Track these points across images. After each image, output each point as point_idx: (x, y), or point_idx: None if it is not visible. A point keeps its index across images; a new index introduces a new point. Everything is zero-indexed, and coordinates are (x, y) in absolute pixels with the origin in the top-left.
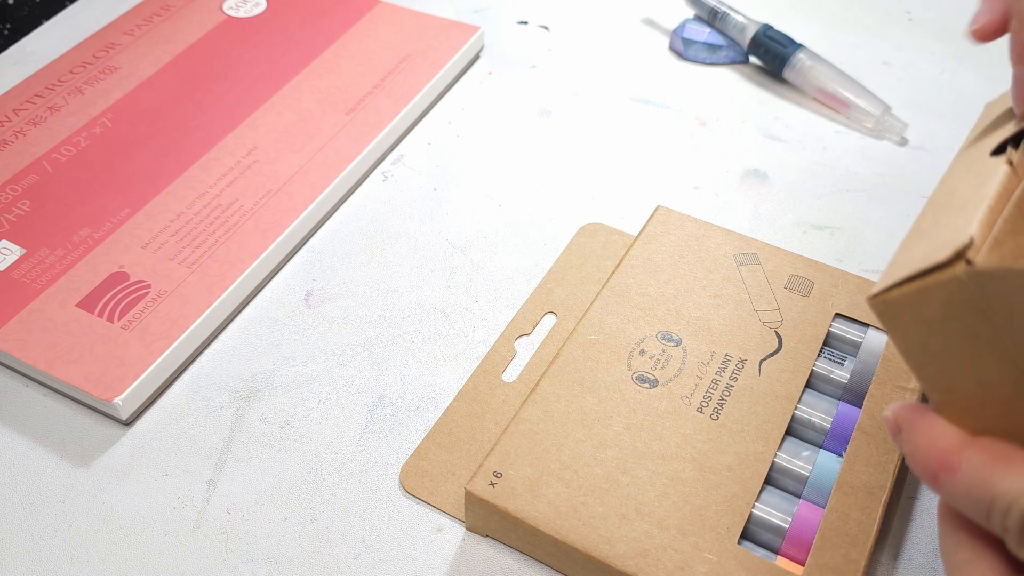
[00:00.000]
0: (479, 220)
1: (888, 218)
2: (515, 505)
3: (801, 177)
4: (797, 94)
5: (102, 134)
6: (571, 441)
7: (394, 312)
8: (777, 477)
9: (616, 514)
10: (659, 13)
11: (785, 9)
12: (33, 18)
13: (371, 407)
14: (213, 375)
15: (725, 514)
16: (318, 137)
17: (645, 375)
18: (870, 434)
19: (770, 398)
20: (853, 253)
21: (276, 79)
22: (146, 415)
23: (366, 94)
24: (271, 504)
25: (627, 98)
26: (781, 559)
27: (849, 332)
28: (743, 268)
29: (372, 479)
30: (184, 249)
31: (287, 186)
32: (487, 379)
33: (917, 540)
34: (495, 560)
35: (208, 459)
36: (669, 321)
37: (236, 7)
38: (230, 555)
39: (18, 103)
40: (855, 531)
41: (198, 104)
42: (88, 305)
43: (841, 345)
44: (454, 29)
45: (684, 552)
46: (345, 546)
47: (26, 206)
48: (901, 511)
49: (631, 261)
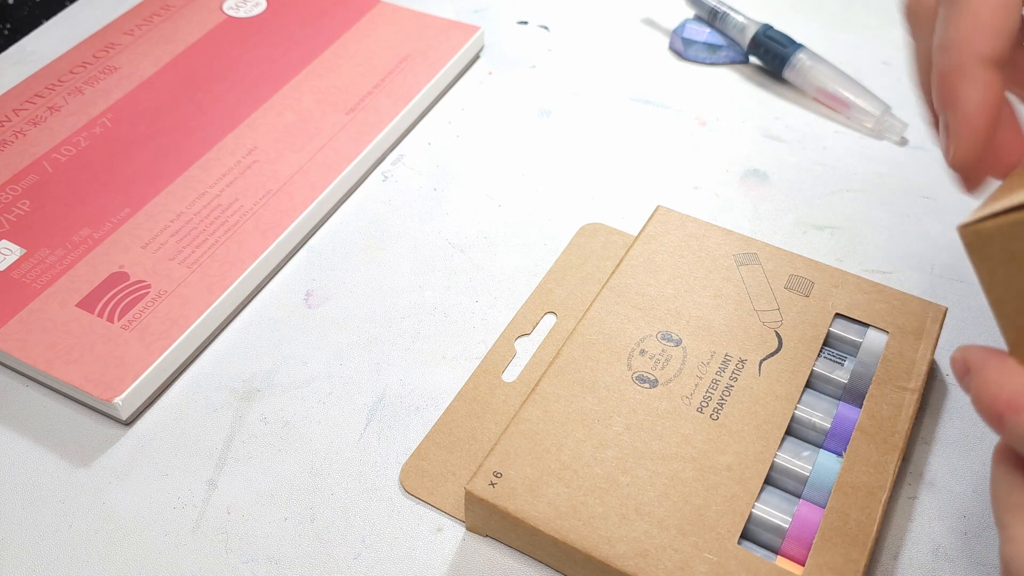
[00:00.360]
0: (479, 220)
1: (888, 218)
2: (515, 505)
3: (801, 177)
4: (797, 94)
5: (102, 134)
6: (571, 441)
7: (394, 312)
8: (777, 477)
9: (616, 514)
10: (659, 13)
11: (785, 9)
12: (33, 18)
13: (371, 407)
14: (213, 375)
15: (725, 514)
16: (318, 137)
17: (645, 375)
18: (870, 434)
19: (770, 398)
20: (853, 253)
21: (276, 79)
22: (146, 415)
23: (366, 94)
24: (271, 504)
25: (627, 98)
26: (781, 559)
27: (849, 332)
28: (743, 268)
29: (372, 479)
30: (184, 249)
31: (287, 186)
32: (487, 379)
33: (917, 540)
34: (495, 560)
35: (208, 459)
36: (669, 321)
37: (236, 7)
38: (230, 555)
39: (18, 103)
40: (855, 531)
41: (198, 104)
42: (88, 305)
43: (841, 345)
44: (454, 29)
45: (684, 552)
46: (345, 546)
47: (26, 206)
48: (901, 511)
49: (631, 261)
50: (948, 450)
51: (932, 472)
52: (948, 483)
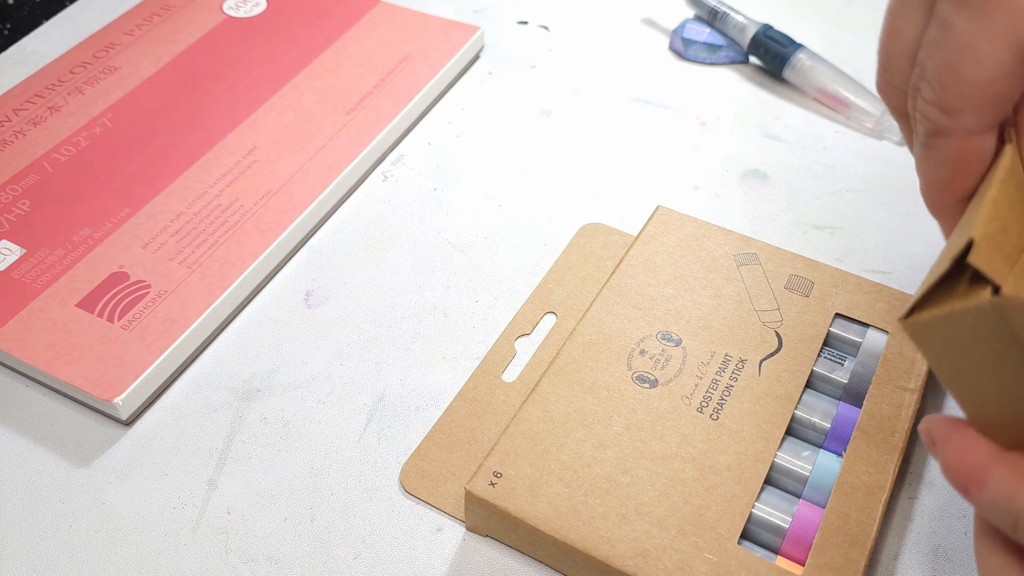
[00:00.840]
0: (479, 220)
1: (888, 218)
2: (515, 505)
3: (801, 177)
4: (797, 94)
5: (102, 134)
6: (571, 441)
7: (394, 312)
8: (777, 477)
9: (616, 514)
10: (659, 13)
11: (785, 9)
12: (33, 18)
13: (371, 407)
14: (213, 375)
15: (725, 514)
16: (318, 137)
17: (645, 375)
18: (870, 434)
19: (770, 398)
20: (853, 253)
21: (276, 79)
22: (146, 415)
23: (366, 94)
24: (271, 504)
25: (627, 98)
26: (781, 559)
27: (849, 332)
28: (743, 268)
29: (372, 479)
30: (184, 249)
31: (287, 186)
32: (487, 379)
33: (917, 540)
34: (495, 560)
35: (208, 459)
36: (669, 321)
37: (236, 7)
38: (230, 555)
39: (18, 103)
40: (855, 531)
41: (198, 104)
42: (88, 305)
43: (841, 345)
44: (454, 29)
45: (684, 552)
46: (345, 546)
47: (26, 206)
48: (901, 511)
49: (631, 261)
50: None
51: (932, 472)
52: (948, 483)
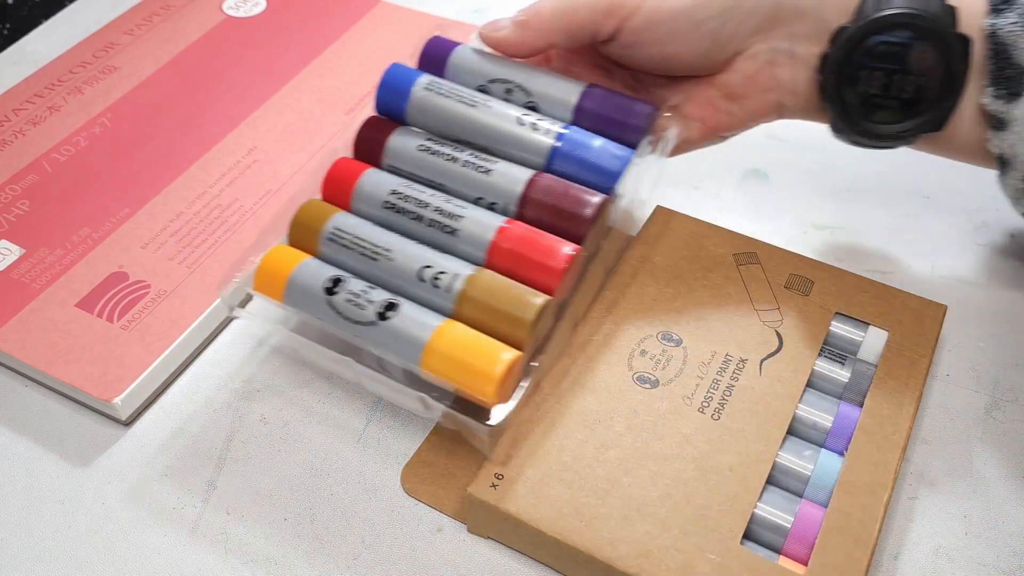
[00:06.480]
0: None
1: (888, 218)
2: (517, 507)
3: (801, 177)
4: None
5: (102, 134)
6: (572, 442)
7: None
8: (779, 477)
9: (618, 515)
10: None
11: None
12: (33, 18)
13: (371, 407)
14: (213, 375)
15: (727, 514)
16: (318, 137)
17: (646, 375)
18: (871, 433)
19: (771, 398)
20: (853, 253)
21: (276, 79)
22: (146, 415)
23: (366, 94)
24: (271, 504)
25: None
26: (783, 559)
27: (849, 331)
28: (743, 268)
29: (372, 479)
30: (184, 249)
31: (287, 186)
32: None
33: (917, 540)
34: (495, 561)
35: (208, 459)
36: (669, 321)
37: (236, 7)
38: (230, 555)
39: (18, 103)
40: (857, 530)
41: (198, 104)
42: (88, 305)
43: (842, 344)
44: (454, 29)
45: (687, 552)
46: (345, 546)
47: (25, 206)
48: (901, 511)
49: (631, 261)
50: (948, 450)
51: (932, 472)
52: (948, 483)
